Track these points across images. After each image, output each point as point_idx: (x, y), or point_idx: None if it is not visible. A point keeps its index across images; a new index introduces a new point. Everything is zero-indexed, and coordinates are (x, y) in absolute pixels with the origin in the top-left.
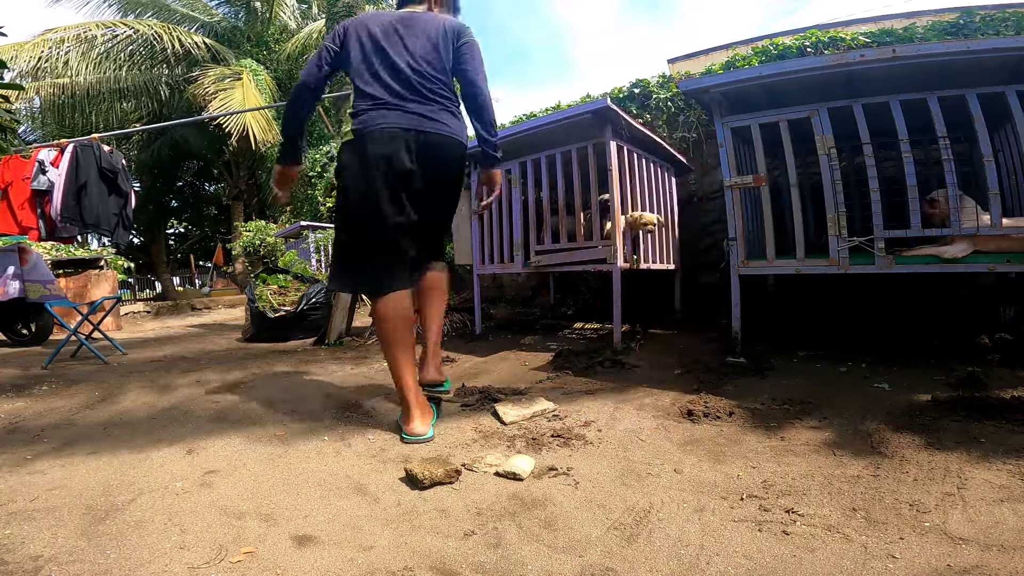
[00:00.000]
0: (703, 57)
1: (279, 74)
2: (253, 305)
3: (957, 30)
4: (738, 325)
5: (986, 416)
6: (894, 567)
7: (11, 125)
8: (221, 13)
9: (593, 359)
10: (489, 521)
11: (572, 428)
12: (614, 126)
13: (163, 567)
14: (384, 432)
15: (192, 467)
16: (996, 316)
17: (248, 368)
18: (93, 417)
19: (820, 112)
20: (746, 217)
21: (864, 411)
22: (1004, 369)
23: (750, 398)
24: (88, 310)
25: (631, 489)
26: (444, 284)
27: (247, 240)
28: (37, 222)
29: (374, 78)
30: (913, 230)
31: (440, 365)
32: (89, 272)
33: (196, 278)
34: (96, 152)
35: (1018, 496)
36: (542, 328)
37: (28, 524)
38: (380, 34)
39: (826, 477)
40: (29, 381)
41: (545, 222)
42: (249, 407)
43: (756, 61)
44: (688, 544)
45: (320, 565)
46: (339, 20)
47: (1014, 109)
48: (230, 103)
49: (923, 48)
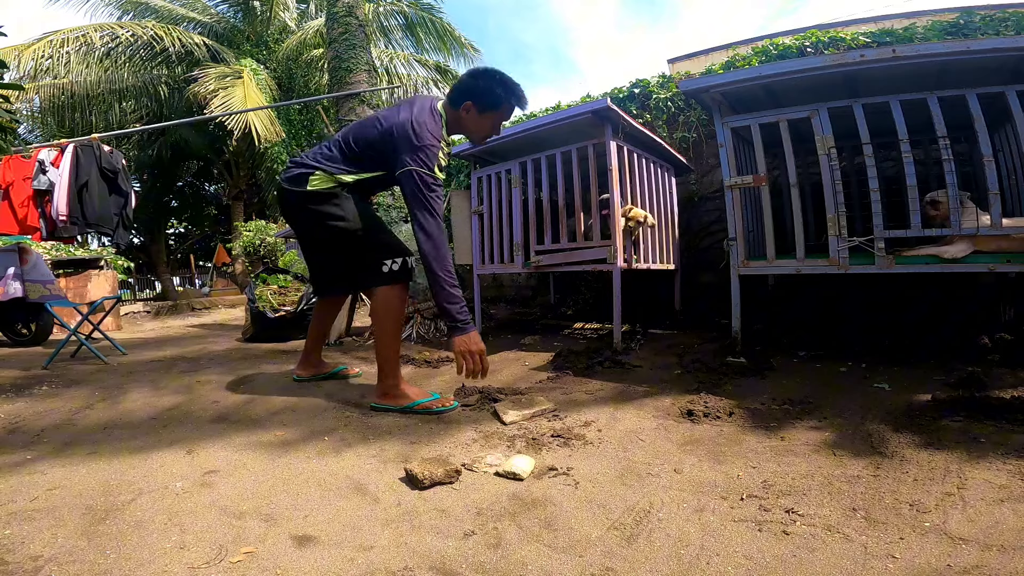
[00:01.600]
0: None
1: (279, 74)
2: (253, 305)
3: (957, 30)
4: (738, 325)
5: (986, 416)
6: (894, 567)
7: (11, 125)
8: (220, 13)
9: (593, 359)
10: (489, 521)
11: (572, 428)
12: (614, 126)
13: (163, 567)
14: (384, 432)
15: (192, 467)
16: (996, 316)
17: (248, 368)
18: (93, 417)
19: (820, 112)
20: (746, 217)
21: (864, 411)
22: (1004, 369)
23: (750, 398)
24: (88, 310)
25: (631, 489)
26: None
27: (247, 240)
28: (39, 222)
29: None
30: (913, 230)
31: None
32: (89, 272)
33: (196, 278)
34: (96, 152)
35: (1018, 496)
36: (542, 328)
37: (28, 524)
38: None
39: (826, 477)
40: (29, 381)
41: (545, 222)
42: (249, 407)
43: (756, 61)
44: (688, 544)
45: (320, 565)
46: (339, 20)
47: (1014, 109)
48: (231, 101)
49: (923, 48)
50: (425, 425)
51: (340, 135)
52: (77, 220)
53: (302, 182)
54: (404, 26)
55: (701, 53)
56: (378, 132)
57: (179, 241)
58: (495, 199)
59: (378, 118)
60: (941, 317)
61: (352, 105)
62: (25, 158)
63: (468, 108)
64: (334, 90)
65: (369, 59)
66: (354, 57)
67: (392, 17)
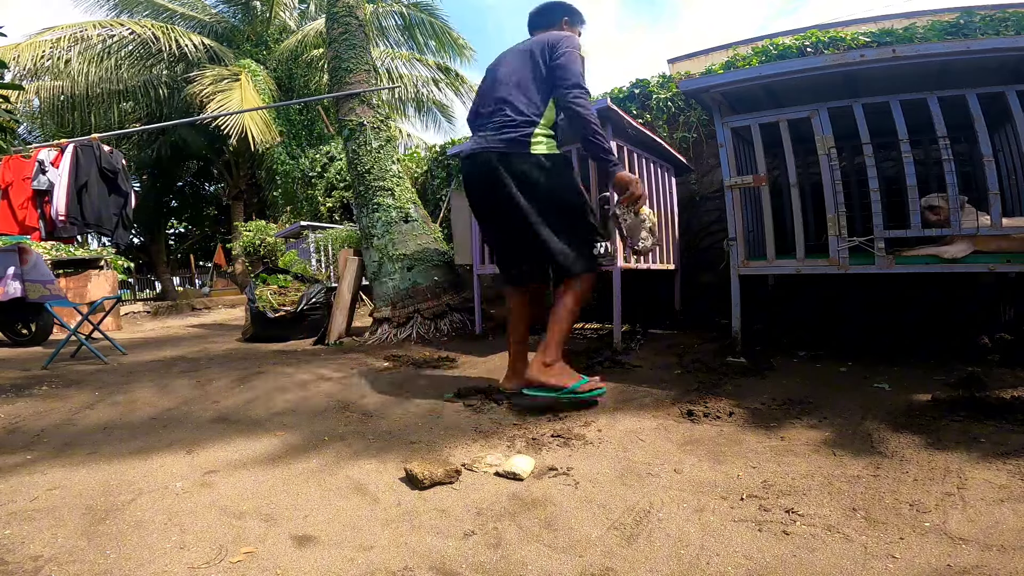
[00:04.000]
0: (703, 57)
1: (279, 74)
2: (253, 305)
3: (957, 30)
4: (738, 325)
5: (986, 416)
6: (894, 567)
7: (11, 125)
8: (220, 13)
9: (593, 359)
10: (489, 521)
11: (572, 428)
12: (614, 126)
13: (163, 567)
14: (384, 432)
15: (192, 467)
16: (996, 316)
17: (248, 368)
18: (93, 417)
19: (820, 112)
20: (746, 217)
21: (864, 411)
22: (1004, 369)
23: (750, 398)
24: (88, 310)
25: (631, 489)
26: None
27: (247, 240)
28: (38, 222)
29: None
30: (913, 230)
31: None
32: (89, 272)
33: (196, 278)
34: (96, 152)
35: (1018, 496)
36: (542, 328)
37: (28, 524)
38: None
39: (826, 477)
40: (29, 381)
41: None
42: (249, 407)
43: (756, 61)
44: (688, 544)
45: (320, 565)
46: (339, 20)
47: (1014, 109)
48: (228, 104)
49: (923, 48)
50: (425, 425)
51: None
52: (76, 220)
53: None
54: (401, 27)
55: (701, 53)
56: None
57: (179, 241)
58: None
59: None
60: (941, 317)
61: (352, 105)
62: (25, 158)
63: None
64: (334, 90)
65: (369, 59)
66: (354, 57)
67: (390, 18)
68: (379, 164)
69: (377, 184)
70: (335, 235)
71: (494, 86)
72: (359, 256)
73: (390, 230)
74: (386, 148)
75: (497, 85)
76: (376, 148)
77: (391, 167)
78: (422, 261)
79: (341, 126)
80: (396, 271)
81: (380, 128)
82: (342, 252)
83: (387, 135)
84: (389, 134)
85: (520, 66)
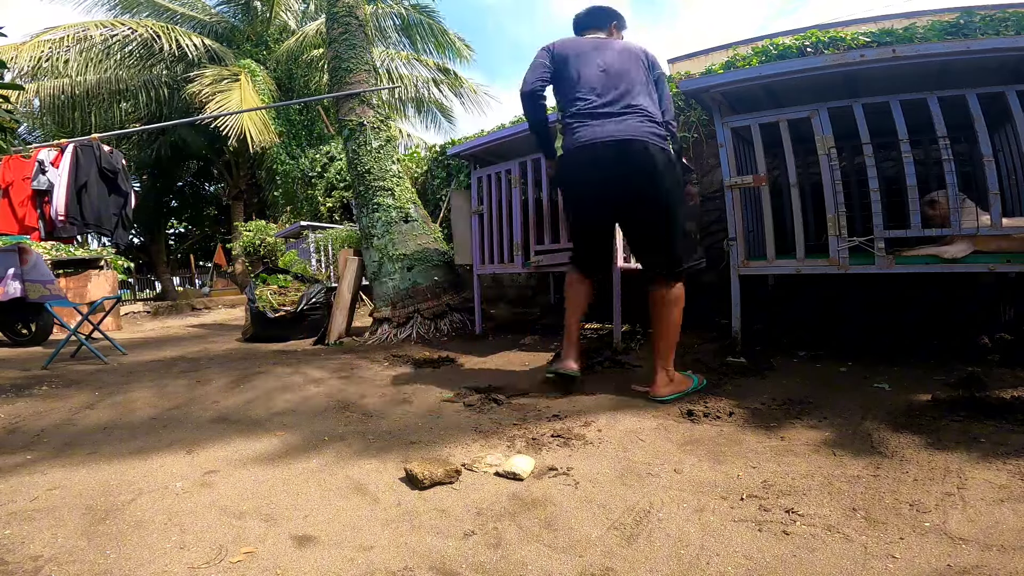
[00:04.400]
0: (703, 57)
1: (279, 74)
2: (253, 305)
3: (957, 30)
4: (738, 325)
5: (986, 416)
6: (894, 567)
7: (11, 125)
8: (220, 13)
9: (593, 359)
10: (489, 521)
11: (572, 428)
12: None
13: (163, 567)
14: (384, 432)
15: (192, 467)
16: (996, 316)
17: (248, 368)
18: (93, 417)
19: (820, 112)
20: (746, 217)
21: (864, 411)
22: (1004, 369)
23: (750, 398)
24: (88, 310)
25: (631, 489)
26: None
27: (247, 240)
28: (38, 222)
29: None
30: (913, 230)
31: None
32: (89, 272)
33: (196, 278)
34: (96, 152)
35: (1018, 496)
36: (542, 328)
37: (28, 524)
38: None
39: (826, 477)
40: (29, 381)
41: (545, 222)
42: (249, 407)
43: (756, 61)
44: (688, 544)
45: (320, 565)
46: (339, 20)
47: (1014, 109)
48: (228, 104)
49: (923, 48)
50: (425, 425)
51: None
52: (76, 220)
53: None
54: (400, 28)
55: (701, 53)
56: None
57: (179, 241)
58: (495, 199)
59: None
60: (941, 317)
61: (352, 105)
62: (25, 158)
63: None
64: (334, 90)
65: (369, 59)
66: (354, 57)
67: (388, 18)
68: (379, 164)
69: (377, 184)
70: (335, 235)
71: (611, 78)
72: (359, 256)
73: (390, 230)
74: (386, 148)
75: (616, 79)
76: (376, 148)
77: (391, 167)
78: (422, 261)
79: (341, 126)
80: (396, 271)
81: (380, 128)
82: (342, 252)
83: (387, 135)
84: (389, 134)
85: (633, 67)
